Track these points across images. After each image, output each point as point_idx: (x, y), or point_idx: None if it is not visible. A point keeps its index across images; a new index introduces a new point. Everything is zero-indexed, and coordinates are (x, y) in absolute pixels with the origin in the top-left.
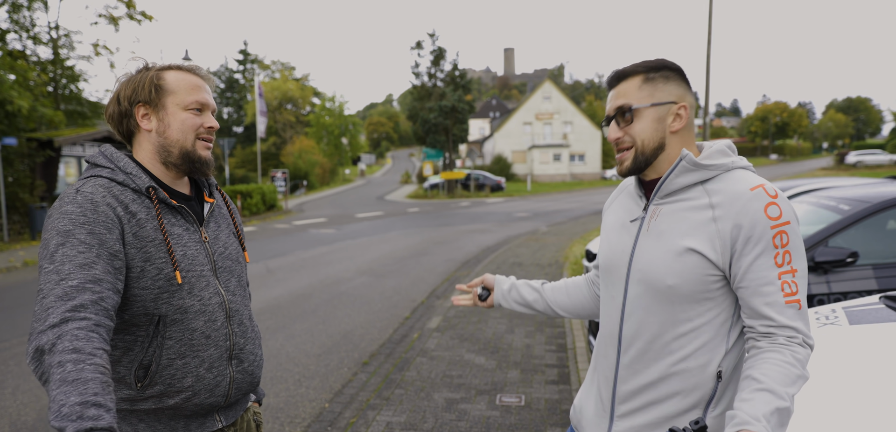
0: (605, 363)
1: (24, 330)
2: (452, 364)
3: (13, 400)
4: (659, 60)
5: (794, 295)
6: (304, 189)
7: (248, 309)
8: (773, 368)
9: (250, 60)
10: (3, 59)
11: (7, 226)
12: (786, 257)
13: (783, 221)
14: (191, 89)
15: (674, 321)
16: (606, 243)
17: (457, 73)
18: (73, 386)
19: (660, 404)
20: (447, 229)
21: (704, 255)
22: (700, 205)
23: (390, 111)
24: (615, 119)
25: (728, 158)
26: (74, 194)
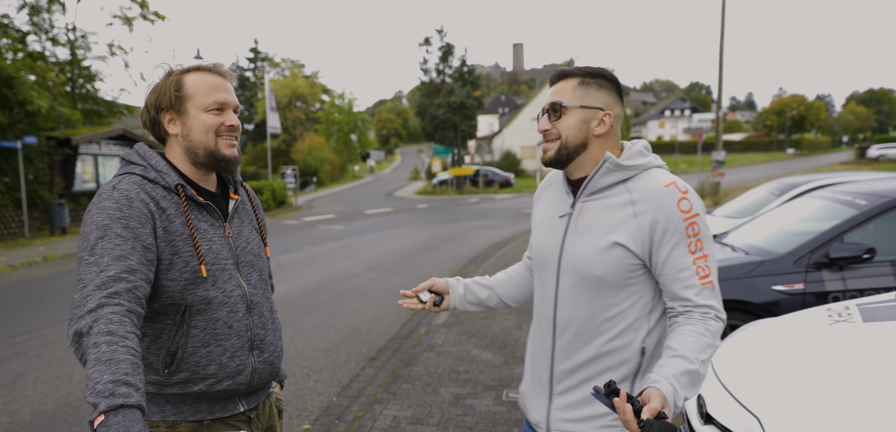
0: (541, 347)
1: (45, 323)
2: (459, 359)
3: (34, 389)
4: (597, 69)
5: (708, 277)
6: (314, 185)
7: (270, 302)
8: (687, 338)
9: (261, 58)
10: (23, 60)
11: (28, 222)
12: (698, 245)
13: (693, 213)
14: (209, 90)
15: (603, 306)
16: (538, 237)
17: (465, 68)
18: (107, 365)
19: (593, 379)
20: (456, 225)
21: (627, 248)
22: (622, 202)
23: (399, 107)
24: (548, 112)
25: (645, 159)
26: (111, 191)
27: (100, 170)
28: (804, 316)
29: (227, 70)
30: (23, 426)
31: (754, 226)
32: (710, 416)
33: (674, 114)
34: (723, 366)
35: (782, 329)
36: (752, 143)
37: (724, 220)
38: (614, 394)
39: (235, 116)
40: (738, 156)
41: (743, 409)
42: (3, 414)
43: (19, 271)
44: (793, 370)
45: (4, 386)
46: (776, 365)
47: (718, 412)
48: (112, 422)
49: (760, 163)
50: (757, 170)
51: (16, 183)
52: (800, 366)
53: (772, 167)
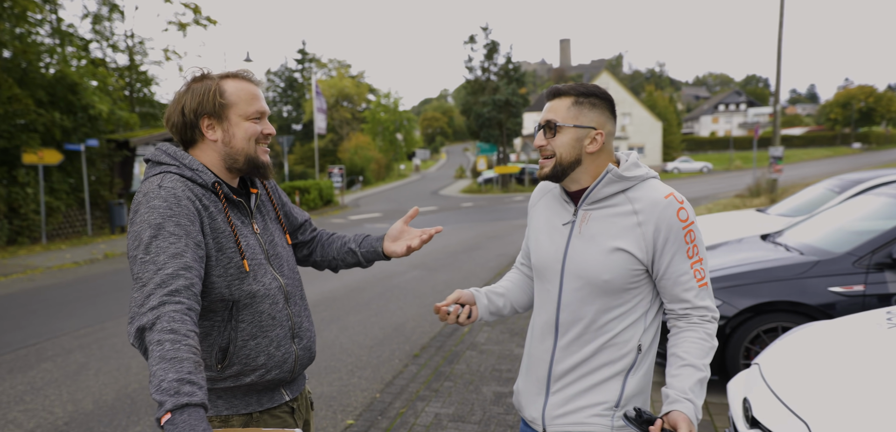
0: (541, 348)
1: (106, 316)
2: (502, 358)
3: (96, 380)
4: (591, 87)
5: (704, 279)
6: (360, 184)
7: (301, 289)
8: (692, 345)
9: (308, 59)
10: (86, 67)
11: (90, 221)
12: (694, 250)
13: (690, 222)
14: (251, 99)
15: (607, 307)
16: (538, 244)
17: (510, 66)
18: (171, 364)
19: (589, 375)
20: (500, 224)
21: (632, 254)
22: (625, 211)
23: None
24: (543, 129)
25: (642, 170)
26: (158, 189)
27: None
28: (860, 319)
29: (258, 79)
30: (86, 414)
31: (810, 224)
32: (757, 420)
33: (728, 109)
34: (771, 370)
35: (836, 332)
36: (813, 138)
37: (779, 219)
38: (649, 423)
39: (270, 124)
40: (797, 152)
41: (791, 414)
42: (68, 402)
43: (83, 267)
44: (846, 375)
45: (69, 376)
46: (828, 369)
47: (765, 416)
48: (178, 420)
49: (822, 159)
50: (818, 165)
51: (79, 184)
52: (853, 371)
53: (835, 163)
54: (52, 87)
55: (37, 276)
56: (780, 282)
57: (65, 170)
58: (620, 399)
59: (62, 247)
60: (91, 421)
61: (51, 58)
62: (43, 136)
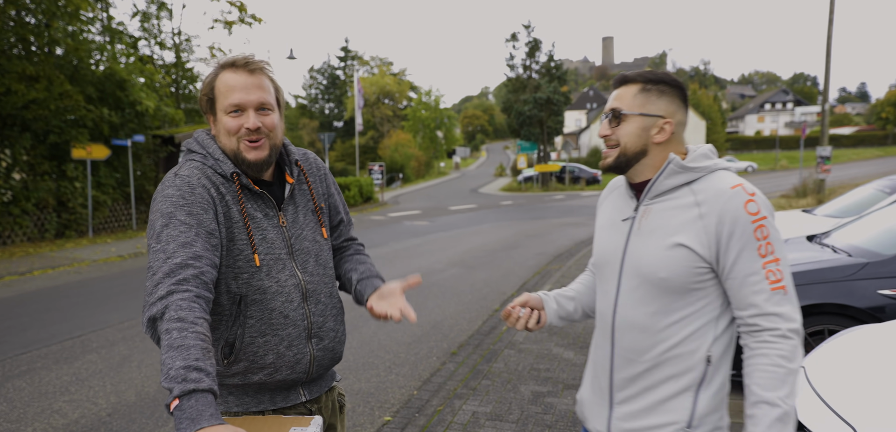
0: (601, 353)
1: None
2: (540, 357)
3: (138, 372)
4: (660, 74)
5: (780, 281)
6: (400, 181)
7: (329, 286)
8: (763, 374)
9: (351, 57)
10: (134, 64)
11: (135, 215)
12: (768, 248)
13: (761, 216)
14: (227, 91)
15: (665, 311)
16: (599, 241)
17: (552, 64)
18: (178, 351)
19: (655, 389)
20: (540, 222)
21: (693, 249)
22: (687, 203)
23: (485, 104)
24: (608, 117)
25: (710, 161)
26: (173, 178)
27: None
28: None
29: (258, 63)
30: (129, 406)
31: (859, 225)
32: (802, 424)
33: (774, 108)
34: (816, 373)
35: (884, 335)
36: (863, 137)
37: (826, 220)
38: None
39: (259, 116)
40: (846, 152)
41: (837, 418)
42: (111, 393)
43: (127, 261)
44: (894, 379)
45: (113, 368)
46: (876, 374)
47: (810, 420)
48: (186, 406)
49: (872, 159)
50: (868, 166)
51: (125, 178)
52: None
53: (886, 163)
54: (102, 84)
55: (83, 269)
56: (827, 283)
57: (111, 164)
58: (692, 418)
59: (108, 241)
60: (133, 412)
61: (101, 55)
62: (92, 132)
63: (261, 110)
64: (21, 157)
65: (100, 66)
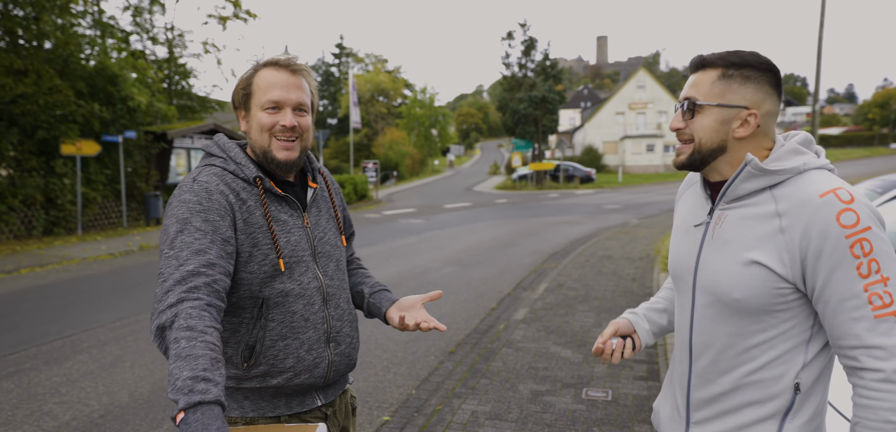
0: (680, 369)
1: (141, 309)
2: (538, 356)
3: (131, 373)
4: (746, 56)
5: (888, 306)
6: (394, 179)
7: (347, 292)
8: (866, 427)
9: (345, 54)
10: (126, 59)
11: (126, 212)
12: (871, 266)
13: (862, 228)
14: (267, 88)
15: (743, 333)
16: (674, 247)
17: (548, 62)
18: (186, 361)
19: (735, 413)
20: (535, 220)
21: (771, 269)
22: (766, 212)
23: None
24: (682, 108)
25: (801, 159)
26: (191, 183)
27: (192, 163)
28: None
29: (301, 65)
30: (122, 407)
31: None
32: None
33: None
34: (834, 385)
35: None
36: (851, 138)
37: None
38: None
39: (295, 116)
40: (835, 152)
41: (845, 420)
42: (103, 394)
43: (118, 259)
44: None
45: (105, 368)
46: None
47: None
48: (191, 419)
49: (860, 159)
50: (856, 166)
51: (116, 175)
52: None
53: (873, 163)
54: (92, 79)
55: (72, 267)
56: None
57: (102, 161)
58: None
59: (98, 239)
60: (127, 413)
61: (91, 49)
62: (82, 128)
63: (298, 110)
64: (8, 153)
65: (90, 61)
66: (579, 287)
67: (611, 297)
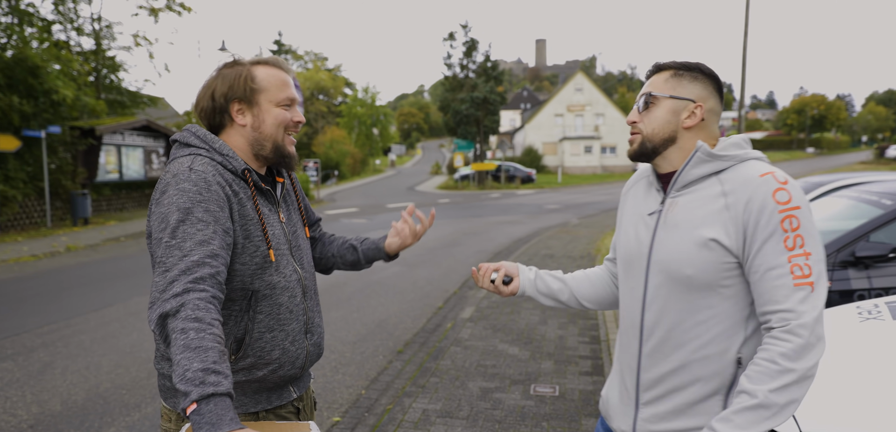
0: (628, 353)
1: (72, 313)
2: (486, 353)
3: (63, 379)
4: (694, 63)
5: (807, 277)
6: (336, 179)
7: (316, 284)
8: (755, 369)
9: (285, 51)
10: (49, 49)
11: (50, 212)
12: (797, 241)
13: (793, 206)
14: (281, 86)
15: (692, 309)
16: (625, 235)
17: (489, 64)
18: (196, 353)
19: (682, 390)
20: (478, 220)
21: (720, 242)
22: (714, 194)
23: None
24: (639, 105)
25: (742, 150)
26: (188, 172)
27: (123, 161)
28: (833, 313)
29: (290, 67)
30: (53, 416)
31: None
32: None
33: None
34: None
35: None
36: (772, 142)
37: None
38: None
39: (300, 112)
40: None
41: None
42: (32, 403)
43: (43, 261)
44: (825, 366)
45: (33, 375)
46: None
47: None
48: (204, 411)
49: (781, 162)
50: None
51: (39, 172)
52: (832, 363)
53: (792, 166)
54: (10, 70)
55: None
56: None
57: (22, 157)
58: None
59: (18, 239)
60: (60, 422)
61: (8, 38)
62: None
63: (299, 107)
64: None
65: (7, 51)
66: None
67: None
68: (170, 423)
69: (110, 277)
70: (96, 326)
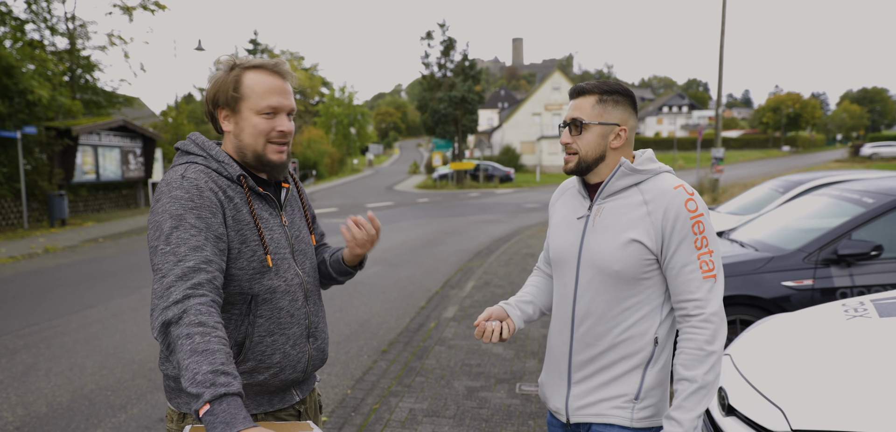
0: (560, 340)
1: (54, 314)
2: (471, 353)
3: (47, 381)
4: (614, 84)
5: (711, 271)
6: (313, 178)
7: (319, 288)
8: (687, 358)
9: (260, 50)
10: (23, 49)
11: (27, 213)
12: (703, 242)
13: (699, 213)
14: (264, 93)
15: (618, 299)
16: (556, 238)
17: (466, 63)
18: (203, 356)
19: (609, 368)
20: (458, 219)
21: (643, 243)
22: (636, 202)
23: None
24: (569, 127)
25: (655, 165)
26: (180, 179)
27: (100, 161)
28: (820, 311)
29: (287, 70)
30: (39, 418)
31: (761, 223)
32: (733, 408)
33: (672, 111)
34: (743, 359)
35: (800, 323)
36: (748, 140)
37: (729, 217)
38: None
39: (289, 121)
40: (735, 153)
41: (766, 401)
42: (17, 405)
43: (21, 263)
44: (813, 363)
45: (17, 377)
46: (796, 358)
47: (741, 404)
48: (217, 411)
49: (757, 160)
50: (754, 166)
51: (14, 173)
52: (820, 360)
53: (768, 164)
54: None
55: None
56: (740, 276)
57: None
58: (639, 391)
59: None
60: (46, 424)
61: None
62: None
63: (289, 115)
64: None
65: None
66: (506, 284)
67: None
68: (173, 424)
69: (90, 278)
70: (78, 328)
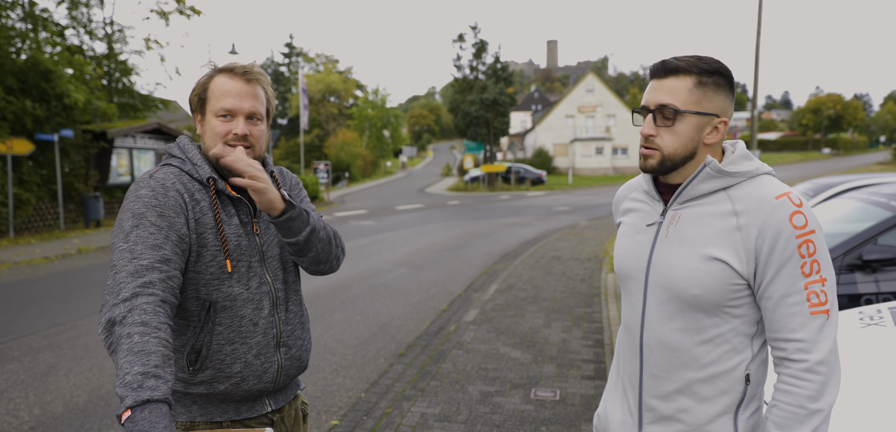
0: (629, 370)
1: (80, 314)
2: (488, 357)
3: (66, 381)
4: (714, 63)
5: (823, 305)
6: (346, 181)
7: (298, 294)
8: (782, 414)
9: (296, 53)
10: (61, 54)
11: (63, 214)
12: (813, 266)
13: (809, 230)
14: (221, 95)
15: (697, 328)
16: (620, 248)
17: (498, 65)
18: (138, 356)
19: (689, 411)
20: (487, 222)
21: (730, 265)
22: (723, 211)
23: (432, 104)
24: (654, 114)
25: (752, 164)
26: (148, 179)
27: (134, 164)
28: None
29: (257, 72)
30: (55, 418)
31: None
32: None
33: None
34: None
35: None
36: (787, 143)
37: None
38: None
39: (248, 124)
40: (772, 156)
41: None
42: (35, 405)
43: (54, 263)
44: None
45: (37, 377)
46: None
47: None
48: (138, 418)
49: (795, 163)
50: (792, 169)
51: (52, 175)
52: None
53: (807, 167)
54: (24, 74)
55: (3, 272)
56: None
57: (36, 160)
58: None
59: (32, 242)
60: (61, 424)
61: (22, 43)
62: (12, 125)
63: (250, 119)
64: None
65: (21, 55)
66: (529, 288)
67: (560, 298)
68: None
69: None
70: None
